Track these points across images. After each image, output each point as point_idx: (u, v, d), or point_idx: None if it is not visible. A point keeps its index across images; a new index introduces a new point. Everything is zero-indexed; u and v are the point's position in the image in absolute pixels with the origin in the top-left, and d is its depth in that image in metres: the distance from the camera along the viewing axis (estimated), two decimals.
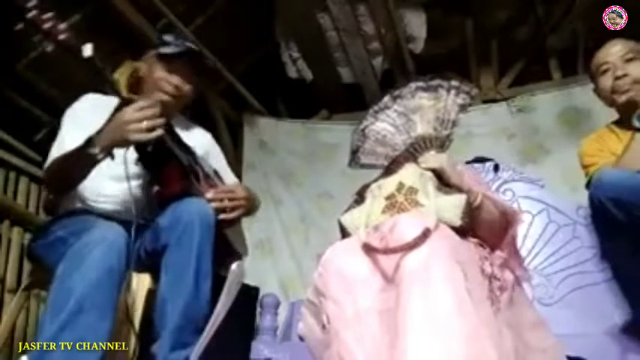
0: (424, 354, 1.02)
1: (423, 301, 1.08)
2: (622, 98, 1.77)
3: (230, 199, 1.66)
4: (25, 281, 1.81)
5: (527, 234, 2.16)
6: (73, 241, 1.38)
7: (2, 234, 2.31)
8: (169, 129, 1.56)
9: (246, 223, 3.00)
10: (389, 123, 1.65)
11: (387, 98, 1.68)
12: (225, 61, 3.00)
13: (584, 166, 1.81)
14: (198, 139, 1.84)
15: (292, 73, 3.17)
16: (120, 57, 1.81)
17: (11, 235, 2.35)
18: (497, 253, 1.38)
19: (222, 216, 1.60)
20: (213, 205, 1.57)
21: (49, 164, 1.59)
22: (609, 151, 1.75)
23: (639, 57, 1.79)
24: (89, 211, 1.59)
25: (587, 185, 1.69)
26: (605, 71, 1.81)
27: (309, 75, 3.14)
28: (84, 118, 1.64)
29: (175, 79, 1.72)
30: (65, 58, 1.67)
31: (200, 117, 3.02)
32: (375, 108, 1.69)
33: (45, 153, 2.43)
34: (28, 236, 2.37)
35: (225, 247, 1.64)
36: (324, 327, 1.21)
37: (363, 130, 1.68)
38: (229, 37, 2.94)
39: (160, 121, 1.42)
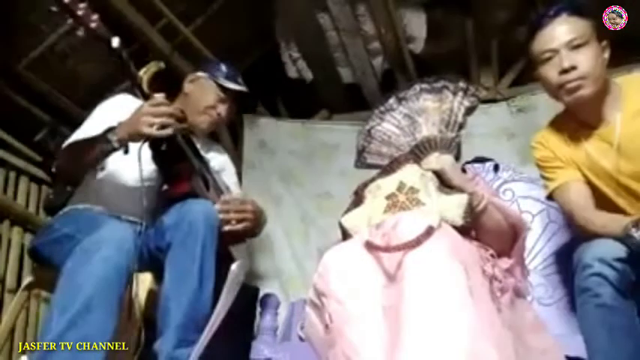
0: (425, 351, 1.02)
1: (425, 298, 1.08)
2: (568, 99, 1.52)
3: (238, 211, 1.67)
4: (25, 281, 1.81)
5: (527, 234, 2.16)
6: (81, 238, 1.40)
7: (2, 234, 2.31)
8: (189, 138, 1.62)
9: None
10: (394, 124, 1.66)
11: (392, 100, 1.69)
12: (225, 61, 2.99)
13: (543, 177, 1.68)
14: (215, 155, 1.93)
15: (292, 73, 3.16)
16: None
17: (11, 235, 2.35)
18: (504, 259, 1.38)
19: (227, 227, 1.62)
20: (221, 216, 1.60)
21: (65, 145, 1.62)
22: (560, 160, 1.61)
23: (589, 41, 1.50)
24: (94, 210, 1.60)
25: (549, 197, 1.66)
26: (549, 59, 1.53)
27: (309, 75, 3.14)
28: (110, 113, 1.67)
29: (222, 109, 1.85)
30: (65, 58, 1.69)
31: None
32: (381, 109, 1.70)
33: (45, 153, 2.44)
34: (28, 236, 2.37)
35: (226, 260, 1.65)
36: (327, 327, 1.21)
37: (369, 131, 1.69)
38: (229, 37, 2.93)
39: (173, 121, 1.46)
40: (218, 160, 1.95)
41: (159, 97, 1.47)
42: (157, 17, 2.58)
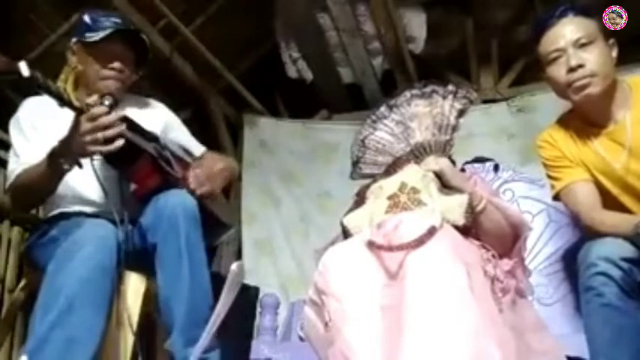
0: (427, 351, 1.02)
1: (426, 298, 1.09)
2: (577, 97, 1.51)
3: (209, 180, 1.61)
4: (23, 281, 1.80)
5: (529, 234, 2.16)
6: (63, 240, 1.38)
7: (2, 234, 2.31)
8: (127, 121, 1.48)
9: (246, 223, 3.03)
10: (387, 132, 1.66)
11: (383, 108, 1.69)
12: (225, 60, 2.99)
13: (549, 176, 1.65)
14: (155, 117, 1.75)
15: (292, 73, 3.16)
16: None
17: (11, 235, 2.35)
18: (505, 260, 1.38)
19: (201, 191, 1.56)
20: (198, 192, 1.54)
21: (13, 180, 1.54)
22: (568, 160, 1.59)
23: (595, 40, 1.50)
24: (80, 213, 1.57)
25: (555, 198, 1.64)
26: (556, 59, 1.52)
27: (309, 75, 3.14)
28: (32, 126, 1.60)
29: (116, 64, 1.61)
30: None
31: (200, 117, 3.03)
32: (373, 117, 1.70)
33: None
34: (28, 236, 2.37)
35: (212, 221, 1.63)
36: (326, 325, 1.21)
37: (362, 141, 1.69)
38: (229, 37, 2.94)
39: (116, 130, 1.37)
40: (159, 120, 1.75)
41: (96, 105, 1.37)
42: (157, 17, 2.58)
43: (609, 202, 1.54)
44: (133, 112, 1.63)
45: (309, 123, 3.29)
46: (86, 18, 1.64)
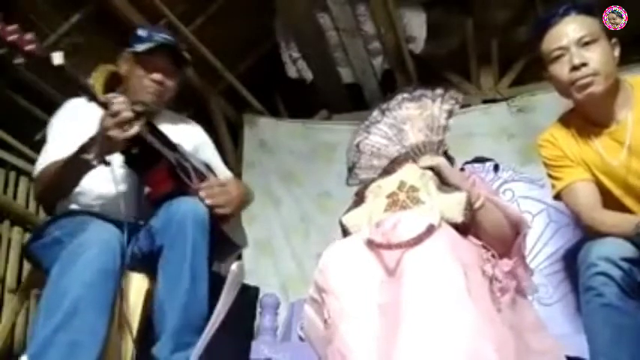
0: (422, 349, 1.02)
1: (423, 296, 1.09)
2: (579, 96, 1.50)
3: (222, 195, 1.64)
4: (24, 281, 1.81)
5: (528, 232, 2.16)
6: (68, 242, 1.38)
7: (2, 234, 2.31)
8: (153, 129, 1.54)
9: (246, 223, 3.02)
10: (381, 136, 1.68)
11: (376, 112, 1.71)
12: (225, 61, 3.00)
13: (549, 176, 1.65)
14: (186, 134, 1.80)
15: (292, 73, 3.16)
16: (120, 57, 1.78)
17: (11, 235, 2.35)
18: (505, 260, 1.38)
19: (218, 210, 1.59)
20: (207, 202, 1.56)
21: (40, 173, 1.57)
22: (569, 159, 1.59)
23: (598, 39, 1.50)
24: (85, 212, 1.58)
25: (556, 197, 1.64)
26: (559, 57, 1.52)
27: (309, 75, 3.14)
28: (69, 125, 1.63)
29: (156, 76, 1.69)
30: (66, 58, 1.68)
31: (200, 117, 3.03)
32: (367, 123, 1.72)
33: None
34: (28, 236, 2.37)
35: (223, 240, 1.64)
36: (325, 322, 1.22)
37: (357, 146, 1.71)
38: (229, 37, 2.94)
39: (141, 123, 1.40)
40: (190, 137, 1.82)
41: (115, 100, 1.39)
42: (157, 17, 2.58)
43: (610, 201, 1.54)
44: (168, 127, 1.69)
45: (309, 123, 3.29)
46: (140, 31, 1.75)
